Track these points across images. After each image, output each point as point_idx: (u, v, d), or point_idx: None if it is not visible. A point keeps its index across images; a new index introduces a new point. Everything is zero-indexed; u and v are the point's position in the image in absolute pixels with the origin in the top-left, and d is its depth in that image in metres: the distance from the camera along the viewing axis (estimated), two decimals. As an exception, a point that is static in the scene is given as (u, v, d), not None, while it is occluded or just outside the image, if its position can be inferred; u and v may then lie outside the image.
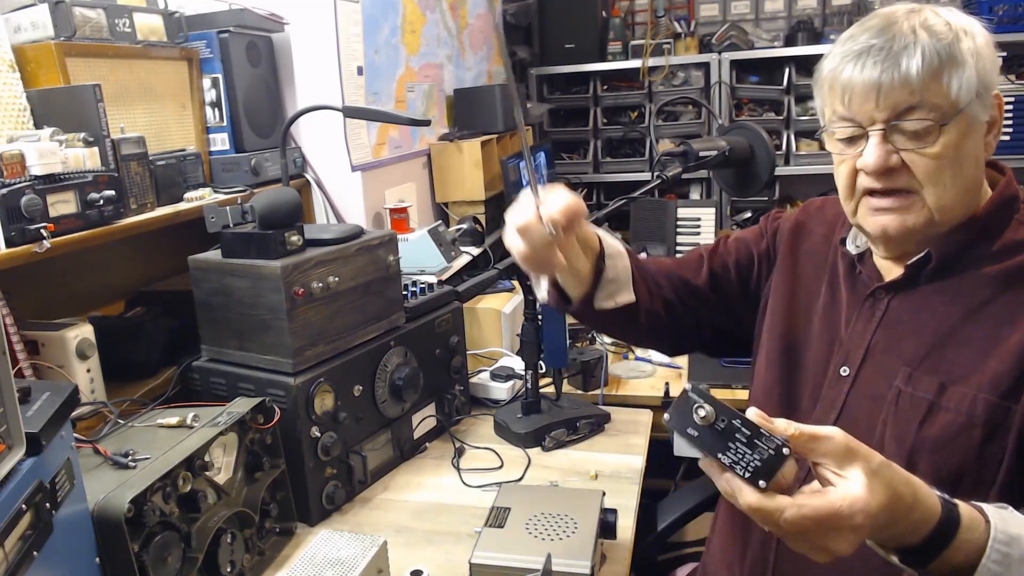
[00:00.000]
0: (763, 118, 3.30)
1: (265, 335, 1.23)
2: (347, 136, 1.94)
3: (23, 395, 0.80)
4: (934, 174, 0.90)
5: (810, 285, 1.10)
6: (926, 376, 0.91)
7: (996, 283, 0.91)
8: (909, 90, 0.87)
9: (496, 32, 3.29)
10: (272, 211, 1.22)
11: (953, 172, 0.90)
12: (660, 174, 1.65)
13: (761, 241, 1.20)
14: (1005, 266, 0.91)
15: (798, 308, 1.11)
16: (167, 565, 0.94)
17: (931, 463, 0.89)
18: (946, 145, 0.88)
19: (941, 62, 0.87)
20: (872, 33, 0.90)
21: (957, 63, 0.87)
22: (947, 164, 0.89)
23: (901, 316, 0.97)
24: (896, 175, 0.91)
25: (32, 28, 1.31)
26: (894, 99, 0.88)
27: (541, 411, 1.53)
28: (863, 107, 0.91)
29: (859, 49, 0.90)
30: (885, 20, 0.91)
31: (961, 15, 0.91)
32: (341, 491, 1.29)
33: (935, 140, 0.88)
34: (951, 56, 0.87)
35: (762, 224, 1.22)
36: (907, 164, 0.90)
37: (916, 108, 0.88)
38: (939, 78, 0.87)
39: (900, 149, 0.90)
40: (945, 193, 0.90)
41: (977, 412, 0.87)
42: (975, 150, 0.91)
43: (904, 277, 0.97)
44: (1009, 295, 0.90)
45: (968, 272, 0.93)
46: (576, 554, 0.99)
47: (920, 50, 0.87)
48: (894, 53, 0.87)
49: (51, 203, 1.14)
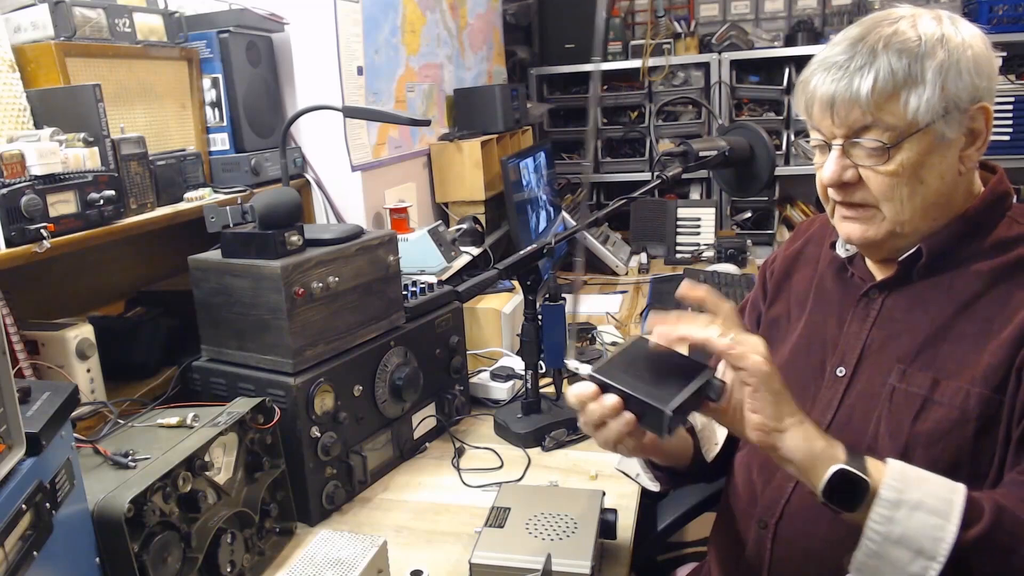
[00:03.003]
0: (763, 118, 3.30)
1: (265, 335, 1.23)
2: (347, 136, 1.94)
3: (23, 395, 0.80)
4: (888, 191, 0.91)
5: (802, 296, 1.12)
6: (920, 372, 0.92)
7: (988, 278, 0.92)
8: (860, 110, 0.89)
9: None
10: (272, 211, 1.22)
11: (911, 189, 0.91)
12: (660, 174, 1.65)
13: (762, 295, 1.23)
14: (996, 262, 0.92)
15: (792, 319, 1.12)
16: (167, 565, 0.94)
17: (926, 457, 0.89)
18: (902, 163, 0.89)
19: (896, 84, 0.87)
20: (844, 46, 0.91)
21: (915, 83, 0.87)
22: (903, 181, 0.90)
23: (895, 314, 0.98)
24: (852, 189, 0.94)
25: (32, 28, 1.31)
26: (847, 117, 0.90)
27: (541, 411, 1.53)
28: (822, 121, 0.93)
29: (828, 61, 0.92)
30: (863, 30, 0.91)
31: (949, 24, 0.90)
32: (341, 491, 1.29)
33: (890, 158, 0.89)
34: (908, 77, 0.87)
35: (759, 276, 1.25)
36: (863, 179, 0.92)
37: (870, 127, 0.89)
38: (895, 99, 0.88)
39: (858, 164, 0.92)
40: (902, 209, 0.92)
41: (970, 406, 0.87)
42: (942, 166, 0.91)
43: (896, 274, 0.98)
44: (1000, 290, 0.90)
45: (960, 268, 0.94)
46: (576, 554, 0.99)
47: (875, 72, 0.87)
48: (850, 72, 0.89)
49: (51, 203, 1.14)
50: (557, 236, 1.50)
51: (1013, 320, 0.87)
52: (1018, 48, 3.00)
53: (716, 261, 2.69)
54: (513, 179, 2.34)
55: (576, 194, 3.44)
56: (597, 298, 2.45)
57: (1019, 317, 0.87)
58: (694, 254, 2.80)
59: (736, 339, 0.82)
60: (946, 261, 0.95)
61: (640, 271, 2.72)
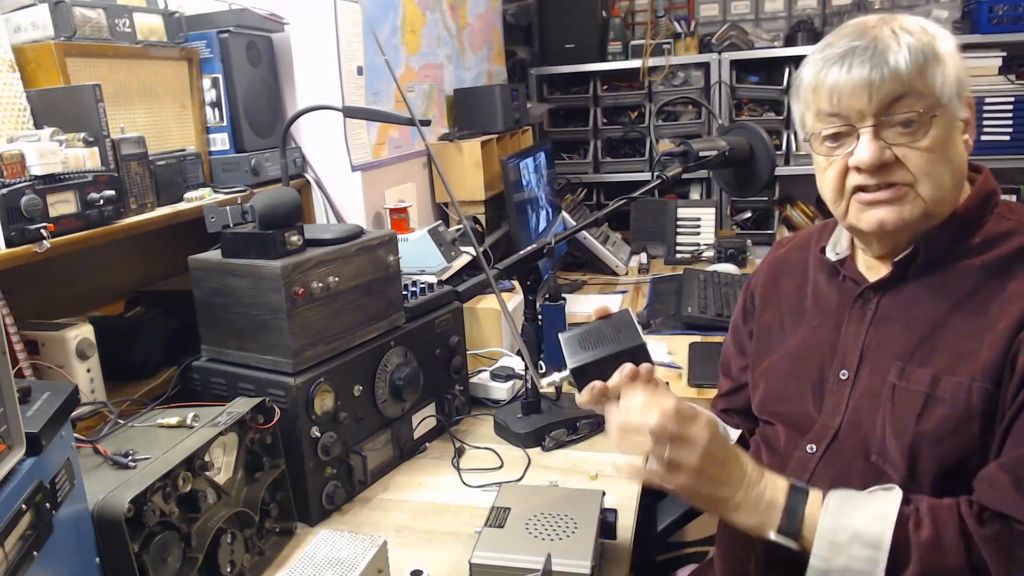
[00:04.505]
0: (763, 118, 3.30)
1: (265, 335, 1.23)
2: (347, 136, 1.94)
3: (23, 395, 0.80)
4: (927, 166, 0.92)
5: (794, 303, 1.13)
6: (919, 369, 0.92)
7: (981, 274, 0.93)
8: (899, 81, 0.90)
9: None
10: (272, 211, 1.22)
11: (943, 166, 0.92)
12: (660, 174, 1.65)
13: (743, 316, 1.24)
14: (988, 257, 0.93)
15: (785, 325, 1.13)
16: (167, 565, 0.94)
17: (933, 456, 0.89)
18: (935, 139, 0.91)
19: (926, 58, 0.90)
20: (851, 38, 0.93)
21: (939, 60, 0.91)
22: (938, 158, 0.92)
23: (891, 313, 0.98)
24: (890, 170, 0.93)
25: (32, 28, 1.31)
26: (885, 91, 0.91)
27: (541, 411, 1.53)
28: (852, 104, 0.93)
29: (841, 52, 0.93)
30: (861, 27, 0.94)
31: (930, 23, 0.94)
32: (341, 491, 1.29)
33: (926, 133, 0.91)
34: (934, 53, 0.91)
35: (742, 297, 1.26)
36: (899, 159, 0.92)
37: (904, 97, 0.90)
38: (924, 73, 0.90)
39: (892, 144, 0.92)
40: (940, 185, 0.93)
41: (973, 402, 0.88)
42: (959, 147, 0.95)
43: (892, 275, 0.98)
44: (994, 284, 0.91)
45: (953, 265, 0.95)
46: (576, 554, 0.99)
47: (906, 46, 0.90)
48: (879, 51, 0.91)
49: (51, 203, 1.14)
50: (557, 236, 1.50)
51: (1008, 313, 0.88)
52: (1018, 48, 3.00)
53: (716, 261, 2.69)
54: (513, 179, 2.34)
55: (576, 194, 3.44)
56: (597, 298, 2.45)
57: (1013, 309, 0.88)
58: (694, 254, 2.80)
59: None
60: (939, 259, 0.96)
61: (640, 271, 2.72)
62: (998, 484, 0.83)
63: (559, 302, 1.56)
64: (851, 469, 0.96)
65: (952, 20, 3.04)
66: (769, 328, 1.15)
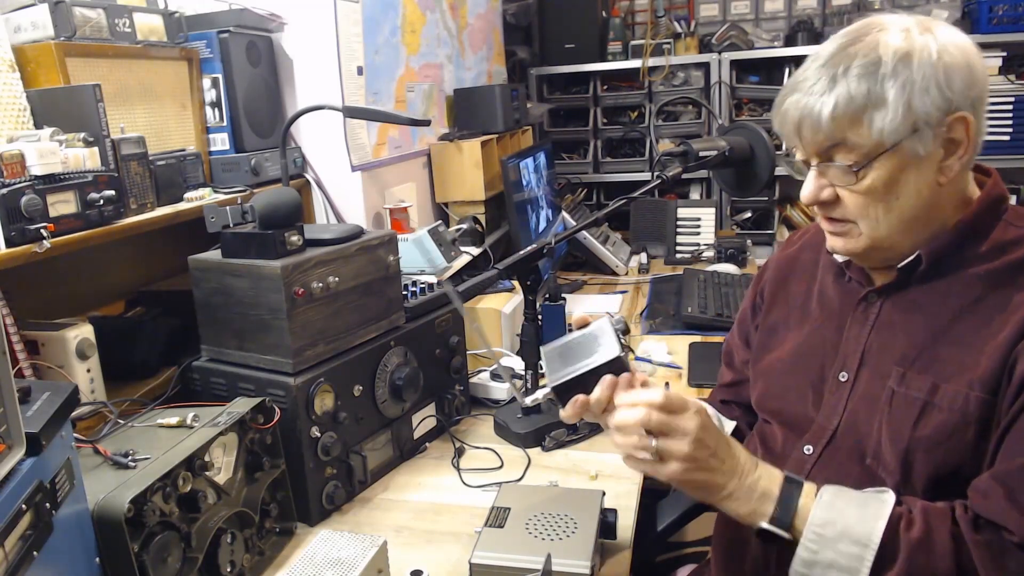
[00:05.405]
0: (763, 118, 3.30)
1: (265, 335, 1.23)
2: (347, 136, 1.94)
3: (23, 395, 0.80)
4: (863, 209, 0.92)
5: (802, 302, 1.13)
6: (919, 375, 0.92)
7: (985, 282, 0.92)
8: (824, 134, 0.90)
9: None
10: (272, 211, 1.22)
11: (886, 205, 0.91)
12: (660, 174, 1.65)
13: (753, 310, 1.23)
14: (993, 265, 0.92)
15: (791, 325, 1.13)
16: (167, 565, 0.94)
17: (927, 462, 0.89)
18: (875, 180, 0.90)
19: (856, 108, 0.87)
20: (813, 69, 0.91)
21: (877, 105, 0.87)
22: (877, 198, 0.91)
23: (893, 318, 0.98)
24: (830, 207, 0.95)
25: (32, 28, 1.31)
26: (813, 140, 0.91)
27: (541, 411, 1.53)
28: (792, 141, 0.95)
29: (796, 83, 0.92)
30: (832, 50, 0.91)
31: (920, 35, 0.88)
32: (341, 491, 1.29)
33: (864, 176, 0.90)
34: (869, 100, 0.86)
35: (752, 290, 1.25)
36: (840, 197, 0.94)
37: (838, 146, 0.90)
38: (857, 122, 0.88)
39: (834, 183, 0.93)
40: (878, 226, 0.93)
41: (970, 410, 0.87)
42: (919, 181, 0.90)
43: (896, 280, 0.98)
44: (998, 293, 0.90)
45: (958, 272, 0.94)
46: (576, 554, 0.99)
47: (835, 97, 0.87)
48: (814, 96, 0.89)
49: (51, 203, 1.14)
50: (557, 236, 1.50)
51: (1010, 322, 0.87)
52: (1018, 48, 3.00)
53: (716, 261, 2.69)
54: (513, 179, 2.34)
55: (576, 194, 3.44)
56: (597, 298, 2.45)
57: (1015, 319, 0.87)
58: (694, 254, 2.80)
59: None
60: (944, 266, 0.95)
61: (640, 271, 2.72)
62: (991, 494, 0.83)
63: (559, 302, 1.56)
64: (846, 472, 0.96)
65: (952, 20, 3.04)
66: (774, 326, 1.15)
